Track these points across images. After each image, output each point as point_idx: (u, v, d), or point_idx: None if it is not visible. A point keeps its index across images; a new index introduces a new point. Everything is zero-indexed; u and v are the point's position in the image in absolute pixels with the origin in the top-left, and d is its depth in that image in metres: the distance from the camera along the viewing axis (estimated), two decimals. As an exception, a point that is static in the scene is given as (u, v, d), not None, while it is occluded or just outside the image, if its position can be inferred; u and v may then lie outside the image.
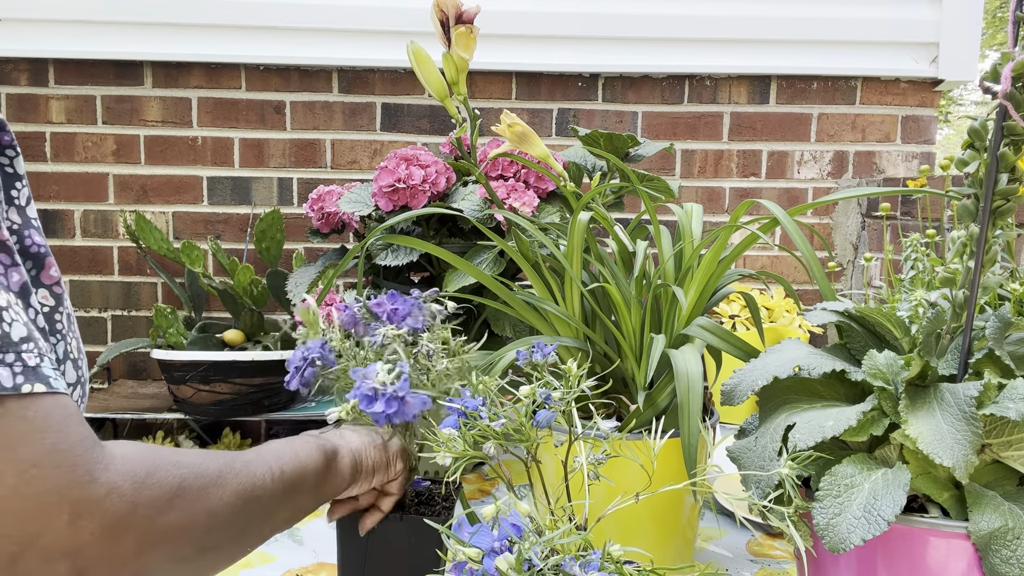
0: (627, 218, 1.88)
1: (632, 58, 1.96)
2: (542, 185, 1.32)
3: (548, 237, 0.94)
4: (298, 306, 0.83)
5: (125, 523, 0.43)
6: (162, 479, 0.46)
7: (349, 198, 1.39)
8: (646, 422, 0.83)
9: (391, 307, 0.75)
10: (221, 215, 1.98)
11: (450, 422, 0.56)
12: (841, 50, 1.98)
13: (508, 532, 0.47)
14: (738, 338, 0.82)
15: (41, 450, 0.41)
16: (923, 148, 2.05)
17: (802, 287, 2.04)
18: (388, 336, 0.72)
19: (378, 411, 0.64)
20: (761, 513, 0.60)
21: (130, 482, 0.44)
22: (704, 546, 0.98)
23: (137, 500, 0.44)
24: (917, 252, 0.83)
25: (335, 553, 0.74)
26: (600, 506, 0.55)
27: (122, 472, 0.44)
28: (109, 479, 0.43)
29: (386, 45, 1.92)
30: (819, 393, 0.69)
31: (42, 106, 1.94)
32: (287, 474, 0.59)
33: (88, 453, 0.43)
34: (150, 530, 0.45)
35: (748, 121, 2.02)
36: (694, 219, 0.94)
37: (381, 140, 1.98)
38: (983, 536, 0.56)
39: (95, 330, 1.98)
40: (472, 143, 0.93)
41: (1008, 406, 0.56)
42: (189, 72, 1.94)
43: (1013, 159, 0.57)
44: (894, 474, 0.58)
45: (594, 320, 0.93)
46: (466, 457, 0.54)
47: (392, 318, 0.74)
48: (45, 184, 1.95)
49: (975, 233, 0.58)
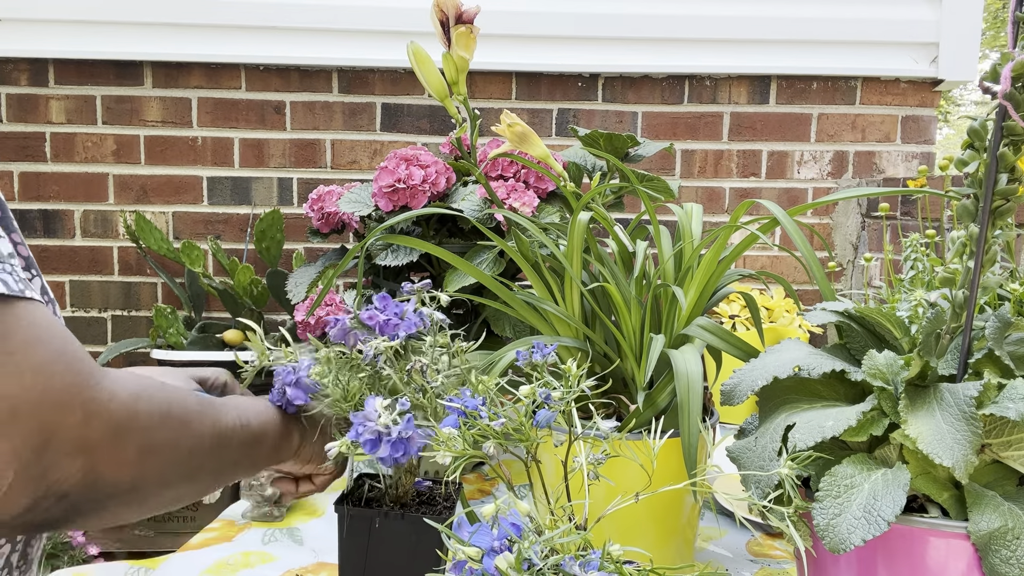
0: (627, 218, 1.88)
1: (632, 58, 1.96)
2: (542, 185, 1.32)
3: (548, 237, 0.94)
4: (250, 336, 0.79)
5: (128, 427, 0.46)
6: (153, 397, 0.49)
7: (349, 198, 1.39)
8: (646, 422, 0.83)
9: (383, 319, 0.72)
10: (221, 215, 1.98)
11: (450, 421, 0.56)
12: (841, 50, 1.98)
13: (508, 531, 0.47)
14: (738, 338, 0.82)
15: (53, 351, 0.44)
16: (923, 148, 2.05)
17: (802, 287, 2.04)
18: (379, 348, 0.70)
19: (384, 455, 0.62)
20: (761, 513, 0.60)
21: (127, 392, 0.47)
22: (704, 546, 0.98)
23: (135, 409, 0.47)
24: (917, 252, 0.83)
25: (335, 553, 0.74)
26: (600, 506, 0.55)
27: (118, 383, 0.47)
28: (110, 386, 0.46)
29: (386, 45, 1.92)
30: (819, 393, 0.69)
31: (42, 106, 1.94)
32: (252, 427, 0.63)
33: (89, 360, 0.46)
34: (148, 439, 0.48)
35: (748, 121, 2.02)
36: (694, 219, 0.94)
37: (381, 140, 1.98)
38: (983, 536, 0.56)
39: (95, 330, 1.98)
40: (472, 143, 0.93)
41: (1008, 406, 0.56)
42: (189, 72, 1.94)
43: (1013, 159, 0.57)
44: (894, 474, 0.58)
45: (594, 320, 0.93)
46: (466, 456, 0.54)
47: (384, 329, 0.72)
48: (45, 184, 1.95)
49: (975, 233, 0.58)
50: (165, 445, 0.50)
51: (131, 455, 0.47)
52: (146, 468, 0.48)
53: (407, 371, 0.70)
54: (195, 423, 0.54)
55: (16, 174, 1.94)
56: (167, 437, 0.50)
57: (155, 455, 0.49)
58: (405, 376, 0.70)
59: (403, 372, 0.70)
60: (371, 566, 0.72)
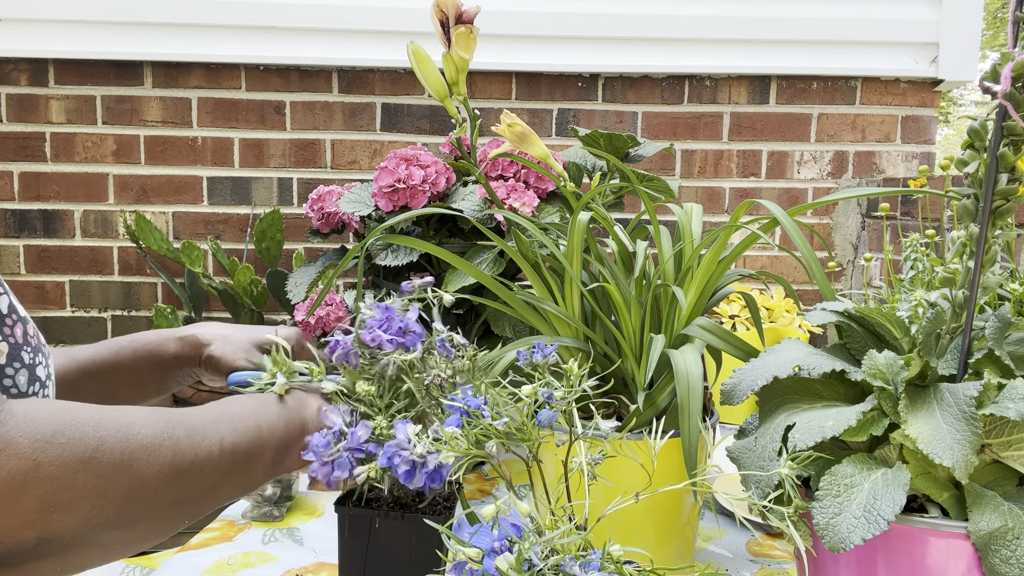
0: (627, 218, 1.88)
1: (632, 58, 1.96)
2: (542, 185, 1.32)
3: (548, 237, 0.94)
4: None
5: (25, 481, 0.41)
6: (73, 438, 0.44)
7: (349, 198, 1.39)
8: (646, 422, 0.83)
9: (387, 338, 0.67)
10: (221, 215, 1.98)
11: (453, 421, 0.56)
12: (841, 50, 1.98)
13: (508, 532, 0.47)
14: (738, 338, 0.82)
15: None
16: (923, 148, 2.05)
17: (802, 287, 2.04)
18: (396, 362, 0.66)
19: (421, 484, 0.59)
20: (761, 513, 0.60)
21: (30, 440, 0.42)
22: (704, 546, 0.98)
23: (40, 459, 0.42)
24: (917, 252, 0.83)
25: (335, 552, 0.74)
26: (600, 506, 0.55)
27: (22, 429, 0.42)
28: (5, 434, 0.41)
29: (386, 45, 1.92)
30: (819, 393, 0.69)
31: (42, 106, 1.94)
32: (240, 448, 0.56)
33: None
34: (58, 490, 0.43)
35: (748, 121, 2.02)
36: (694, 219, 0.94)
37: (381, 140, 1.99)
38: (983, 536, 0.56)
39: (95, 330, 1.98)
40: (472, 143, 0.93)
41: (1008, 406, 0.56)
42: (189, 72, 1.94)
43: (1013, 159, 0.57)
44: (894, 474, 0.58)
45: (594, 320, 0.93)
46: (469, 456, 0.54)
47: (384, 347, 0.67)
48: (45, 184, 1.95)
49: (975, 233, 0.58)
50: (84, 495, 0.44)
51: (31, 511, 0.41)
52: (54, 524, 0.43)
53: (426, 388, 0.66)
54: (140, 462, 0.47)
55: (16, 174, 1.94)
56: (92, 482, 0.44)
57: (68, 509, 0.43)
58: (424, 391, 0.67)
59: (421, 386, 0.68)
60: (371, 566, 0.72)
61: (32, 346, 0.51)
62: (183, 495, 0.51)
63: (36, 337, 0.53)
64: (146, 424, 0.49)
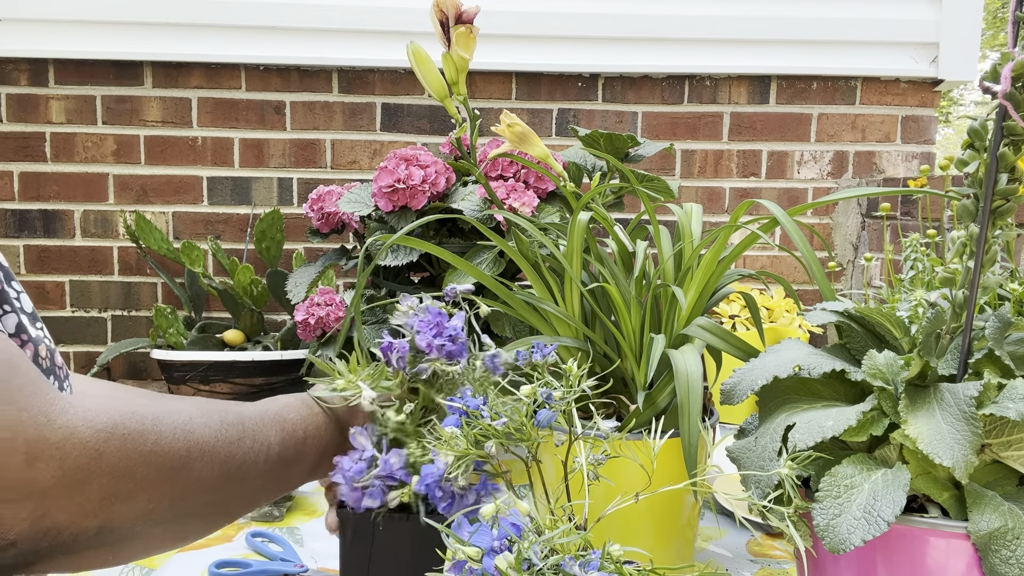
0: (627, 218, 1.88)
1: (632, 58, 1.96)
2: (542, 185, 1.32)
3: (548, 237, 0.94)
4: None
5: (89, 470, 0.41)
6: (134, 431, 0.44)
7: (349, 198, 1.39)
8: (646, 422, 0.83)
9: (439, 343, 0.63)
10: (221, 215, 1.98)
11: (451, 421, 0.56)
12: (841, 50, 1.98)
13: (508, 531, 0.47)
14: (738, 338, 0.82)
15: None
16: (923, 148, 2.05)
17: (802, 287, 2.04)
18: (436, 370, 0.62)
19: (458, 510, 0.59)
20: (761, 513, 0.60)
21: (93, 430, 0.42)
22: (704, 546, 0.98)
23: (103, 449, 0.42)
24: (917, 252, 0.83)
25: (335, 552, 0.74)
26: (600, 506, 0.55)
27: (85, 418, 0.42)
28: (68, 423, 0.41)
29: (386, 45, 1.92)
30: (819, 393, 0.69)
31: (42, 106, 1.94)
32: (284, 457, 0.57)
33: (42, 394, 0.41)
34: (120, 481, 0.43)
35: (748, 121, 2.02)
36: (694, 219, 0.94)
37: (381, 140, 1.99)
38: (983, 536, 0.56)
39: (95, 330, 1.98)
40: (472, 143, 0.93)
41: (1008, 406, 0.56)
42: (189, 72, 1.94)
43: (1013, 159, 0.57)
44: (894, 474, 0.58)
45: (594, 320, 0.93)
46: (468, 456, 0.54)
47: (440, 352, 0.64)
48: (45, 184, 1.95)
49: (975, 233, 0.58)
50: (144, 488, 0.44)
51: (93, 501, 0.42)
52: (115, 515, 0.43)
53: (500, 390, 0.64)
54: (195, 461, 0.48)
55: (16, 174, 1.94)
56: (148, 478, 0.44)
57: (128, 500, 0.43)
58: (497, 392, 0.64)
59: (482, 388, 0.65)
60: (374, 567, 0.72)
61: (44, 368, 0.50)
62: (228, 496, 0.52)
63: (49, 359, 0.51)
64: (202, 423, 0.50)
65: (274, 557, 0.94)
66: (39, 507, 0.40)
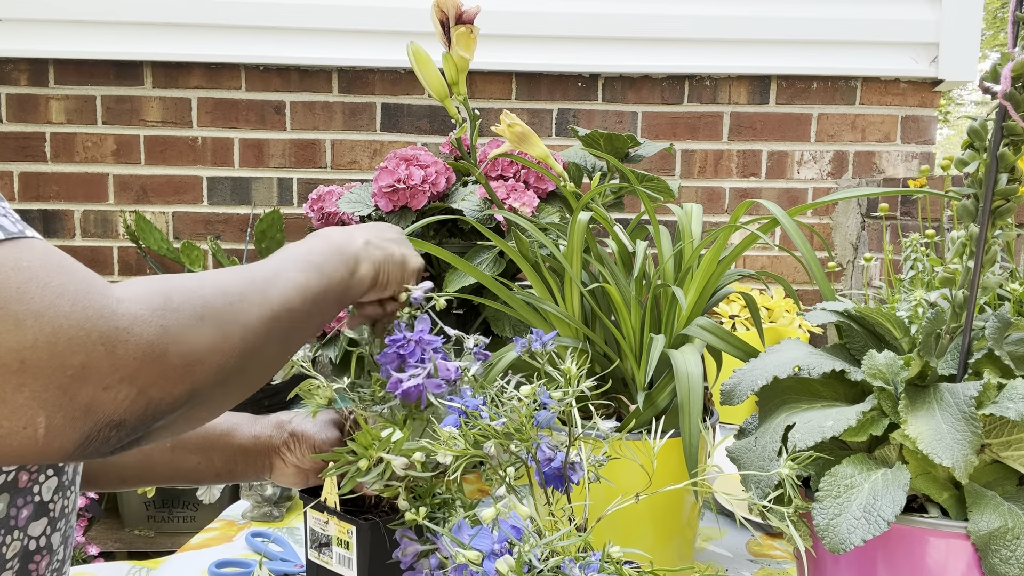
0: (627, 218, 1.88)
1: (632, 58, 1.96)
2: (542, 185, 1.32)
3: (548, 237, 0.94)
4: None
5: (162, 344, 0.45)
6: (182, 301, 0.48)
7: (349, 198, 1.39)
8: (646, 422, 0.83)
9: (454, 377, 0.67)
10: (221, 215, 1.98)
11: (450, 420, 0.56)
12: (841, 50, 1.98)
13: (508, 534, 0.47)
14: (738, 338, 0.82)
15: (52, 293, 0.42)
16: (923, 148, 2.05)
17: (802, 287, 2.04)
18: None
19: None
20: (761, 513, 0.60)
21: (150, 310, 0.45)
22: (704, 546, 0.98)
23: (165, 323, 0.46)
24: (917, 252, 0.83)
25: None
26: (600, 507, 0.55)
27: (138, 302, 0.45)
28: (128, 310, 0.44)
29: (386, 45, 1.92)
30: (819, 393, 0.69)
31: (42, 106, 1.94)
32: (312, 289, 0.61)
33: (99, 290, 0.44)
34: (188, 347, 0.47)
35: (748, 121, 2.02)
36: (694, 219, 0.94)
37: (381, 140, 1.98)
38: (983, 536, 0.56)
39: (95, 330, 1.98)
40: (472, 143, 0.93)
41: (1008, 406, 0.56)
42: (189, 72, 1.94)
43: (1013, 159, 0.57)
44: (894, 474, 0.58)
45: (594, 320, 0.93)
46: (467, 456, 0.54)
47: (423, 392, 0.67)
48: (45, 184, 1.95)
49: (975, 233, 0.58)
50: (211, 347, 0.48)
51: (176, 368, 0.46)
52: (199, 376, 0.47)
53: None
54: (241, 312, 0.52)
55: (16, 174, 1.94)
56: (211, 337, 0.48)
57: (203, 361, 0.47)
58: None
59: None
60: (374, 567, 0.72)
61: None
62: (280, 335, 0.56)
63: None
64: (232, 279, 0.54)
65: (274, 557, 0.94)
66: (133, 387, 0.44)
